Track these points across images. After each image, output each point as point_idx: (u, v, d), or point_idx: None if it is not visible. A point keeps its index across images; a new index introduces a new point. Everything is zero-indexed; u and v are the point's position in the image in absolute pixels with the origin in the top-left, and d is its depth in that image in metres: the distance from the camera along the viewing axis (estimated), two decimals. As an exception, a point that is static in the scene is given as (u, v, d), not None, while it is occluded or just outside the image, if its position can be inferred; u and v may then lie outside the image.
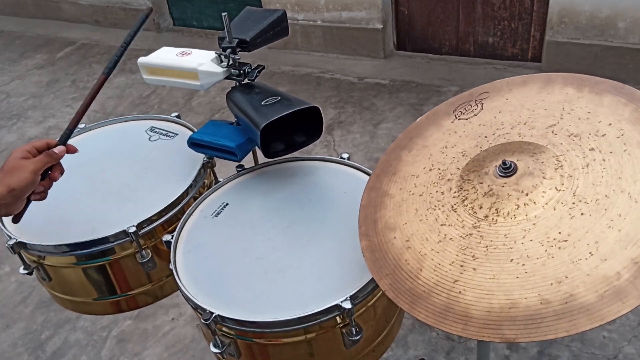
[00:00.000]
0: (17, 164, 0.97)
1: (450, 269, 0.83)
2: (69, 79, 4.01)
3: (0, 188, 0.93)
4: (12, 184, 0.94)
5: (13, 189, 0.94)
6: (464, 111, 1.08)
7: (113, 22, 4.59)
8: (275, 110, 1.17)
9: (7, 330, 2.20)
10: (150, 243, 1.25)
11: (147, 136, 1.50)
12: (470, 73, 3.34)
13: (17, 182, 0.95)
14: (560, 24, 2.99)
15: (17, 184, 0.95)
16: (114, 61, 1.10)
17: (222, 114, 3.33)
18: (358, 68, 3.57)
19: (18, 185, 0.95)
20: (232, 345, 1.06)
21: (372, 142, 2.91)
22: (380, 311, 1.09)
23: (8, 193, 0.94)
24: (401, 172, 1.04)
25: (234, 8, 3.94)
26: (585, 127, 0.91)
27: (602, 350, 1.81)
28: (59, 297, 1.34)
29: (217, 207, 1.26)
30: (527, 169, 0.88)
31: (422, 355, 1.87)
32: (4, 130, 3.51)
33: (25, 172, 0.96)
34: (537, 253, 0.78)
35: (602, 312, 0.70)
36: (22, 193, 0.96)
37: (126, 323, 2.15)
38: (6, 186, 0.94)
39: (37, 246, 1.20)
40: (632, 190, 0.79)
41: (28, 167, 0.97)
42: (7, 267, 2.48)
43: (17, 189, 0.95)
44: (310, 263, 1.09)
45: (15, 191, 0.95)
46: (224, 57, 1.29)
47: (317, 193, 1.26)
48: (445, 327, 0.77)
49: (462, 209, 0.89)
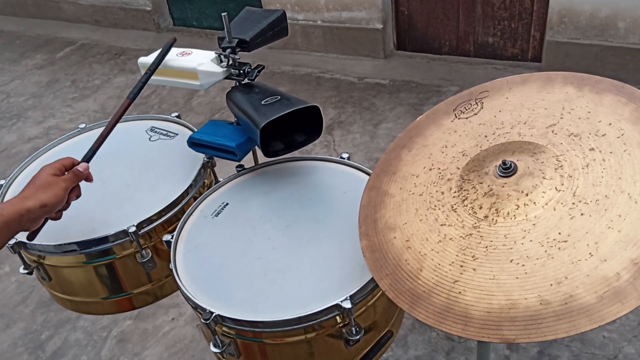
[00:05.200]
0: (50, 180, 0.97)
1: (450, 269, 0.83)
2: (69, 79, 4.01)
3: (32, 202, 0.93)
4: (45, 199, 0.94)
5: (45, 204, 0.94)
6: (464, 110, 1.08)
7: (113, 22, 4.59)
8: (275, 110, 1.17)
9: (7, 330, 2.20)
10: (150, 243, 1.25)
11: (147, 136, 1.50)
12: (470, 73, 3.34)
13: (50, 199, 0.95)
14: (560, 24, 2.99)
15: (49, 200, 0.95)
16: (139, 87, 1.17)
17: (222, 114, 3.33)
18: (358, 68, 3.57)
19: (50, 202, 0.95)
20: (232, 345, 1.06)
21: (372, 142, 2.91)
22: (380, 311, 1.09)
23: (40, 208, 0.93)
24: (401, 171, 1.04)
25: (234, 8, 3.94)
26: (585, 126, 0.91)
27: (602, 350, 1.80)
28: (59, 297, 1.34)
29: (217, 207, 1.25)
30: (527, 169, 0.88)
31: (423, 356, 1.87)
32: (4, 130, 3.51)
33: (57, 188, 0.97)
34: (537, 253, 0.78)
35: (602, 313, 0.70)
36: (52, 209, 0.97)
37: (126, 323, 2.15)
38: (39, 201, 0.93)
39: (37, 246, 1.20)
40: (632, 190, 0.79)
41: (60, 184, 0.97)
42: (7, 267, 2.48)
43: (49, 205, 0.95)
44: (310, 263, 1.09)
45: (47, 207, 0.95)
46: (224, 57, 1.29)
47: (317, 193, 1.26)
48: (445, 328, 0.77)
49: (462, 209, 0.89)
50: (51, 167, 1.00)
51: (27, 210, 0.92)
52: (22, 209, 0.91)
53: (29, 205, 0.92)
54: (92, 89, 3.83)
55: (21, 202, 0.92)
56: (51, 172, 0.98)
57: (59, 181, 0.98)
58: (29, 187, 0.96)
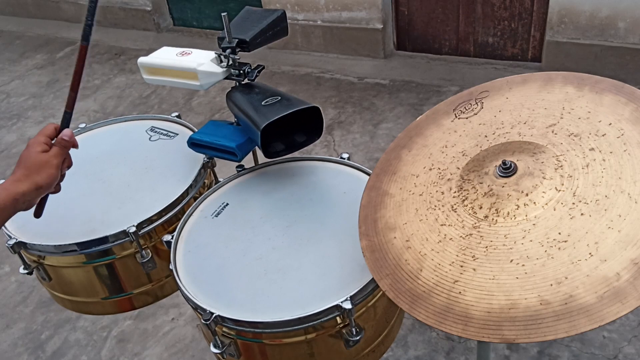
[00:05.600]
0: (41, 158, 0.93)
1: (450, 269, 0.83)
2: (69, 79, 3.99)
3: (26, 185, 0.90)
4: (39, 181, 0.92)
5: (40, 186, 0.92)
6: (464, 110, 1.08)
7: (113, 22, 4.59)
8: (275, 110, 1.17)
9: (7, 330, 2.20)
10: (150, 243, 1.25)
11: (148, 136, 1.50)
12: (470, 73, 3.34)
13: (44, 179, 0.92)
14: (560, 24, 2.99)
15: (44, 181, 0.92)
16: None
17: (222, 114, 3.32)
18: (358, 68, 3.57)
19: (45, 182, 0.92)
20: (232, 346, 1.06)
21: (372, 142, 2.91)
22: (381, 311, 1.09)
23: (35, 190, 0.91)
24: (401, 171, 1.04)
25: (234, 8, 3.94)
26: (585, 126, 0.91)
27: (602, 350, 1.80)
28: (59, 297, 1.34)
29: (217, 207, 1.25)
30: (527, 169, 0.88)
31: (423, 356, 1.87)
32: (4, 130, 3.51)
33: (50, 167, 0.93)
34: (537, 254, 0.78)
35: (602, 313, 0.70)
36: (48, 189, 0.94)
37: (126, 323, 2.15)
38: (34, 184, 0.91)
39: (37, 246, 1.20)
40: (632, 190, 0.79)
41: (52, 162, 0.94)
42: (7, 267, 2.48)
43: (45, 186, 0.93)
44: (310, 263, 1.09)
45: (42, 189, 0.92)
46: (224, 57, 1.29)
47: (317, 193, 1.26)
48: (445, 328, 0.77)
49: (462, 209, 0.89)
50: (37, 142, 0.95)
51: (21, 194, 0.90)
52: (17, 193, 0.89)
53: (24, 189, 0.90)
54: (92, 89, 3.83)
55: (15, 186, 0.90)
56: (39, 150, 0.94)
57: (50, 158, 0.94)
58: (20, 167, 0.93)
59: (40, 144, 0.95)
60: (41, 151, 0.94)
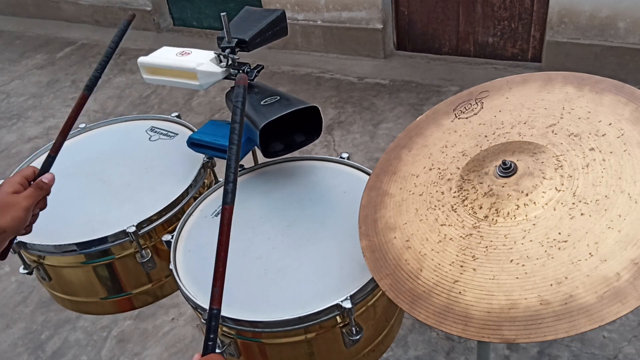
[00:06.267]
0: (9, 200, 0.87)
1: (450, 269, 0.83)
2: (69, 79, 4.01)
3: None
4: (3, 224, 0.84)
5: (4, 230, 0.85)
6: (464, 110, 1.08)
7: (113, 22, 4.59)
8: (274, 110, 1.17)
9: (7, 330, 2.20)
10: (150, 243, 1.25)
11: (147, 136, 1.50)
12: (470, 73, 3.34)
13: (9, 223, 0.85)
14: (560, 24, 2.99)
15: (8, 224, 0.85)
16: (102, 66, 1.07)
17: (222, 114, 3.32)
18: (358, 68, 3.57)
19: (9, 226, 0.85)
20: (232, 345, 1.05)
21: (372, 142, 2.91)
22: (380, 311, 1.09)
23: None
24: (401, 171, 1.03)
25: (234, 8, 3.94)
26: (585, 126, 0.91)
27: (602, 350, 1.80)
28: (59, 297, 1.34)
29: (217, 207, 1.25)
30: (527, 169, 0.88)
31: (423, 356, 1.87)
32: (4, 130, 3.51)
33: (17, 210, 0.87)
34: (537, 254, 0.78)
35: (602, 313, 0.70)
36: (14, 233, 0.87)
37: (126, 323, 2.15)
38: None
39: (37, 246, 1.20)
40: (632, 190, 0.79)
41: (21, 203, 0.87)
42: (7, 267, 2.48)
43: (10, 230, 0.85)
44: (310, 263, 1.09)
45: (7, 233, 0.85)
46: (223, 57, 1.29)
47: (317, 193, 1.26)
48: (445, 328, 0.77)
49: (462, 209, 0.89)
50: (10, 183, 0.89)
51: None
52: None
53: None
54: (92, 89, 3.83)
55: None
56: (10, 190, 0.88)
57: (19, 201, 0.87)
58: None
59: (14, 185, 0.89)
60: (12, 192, 0.88)
